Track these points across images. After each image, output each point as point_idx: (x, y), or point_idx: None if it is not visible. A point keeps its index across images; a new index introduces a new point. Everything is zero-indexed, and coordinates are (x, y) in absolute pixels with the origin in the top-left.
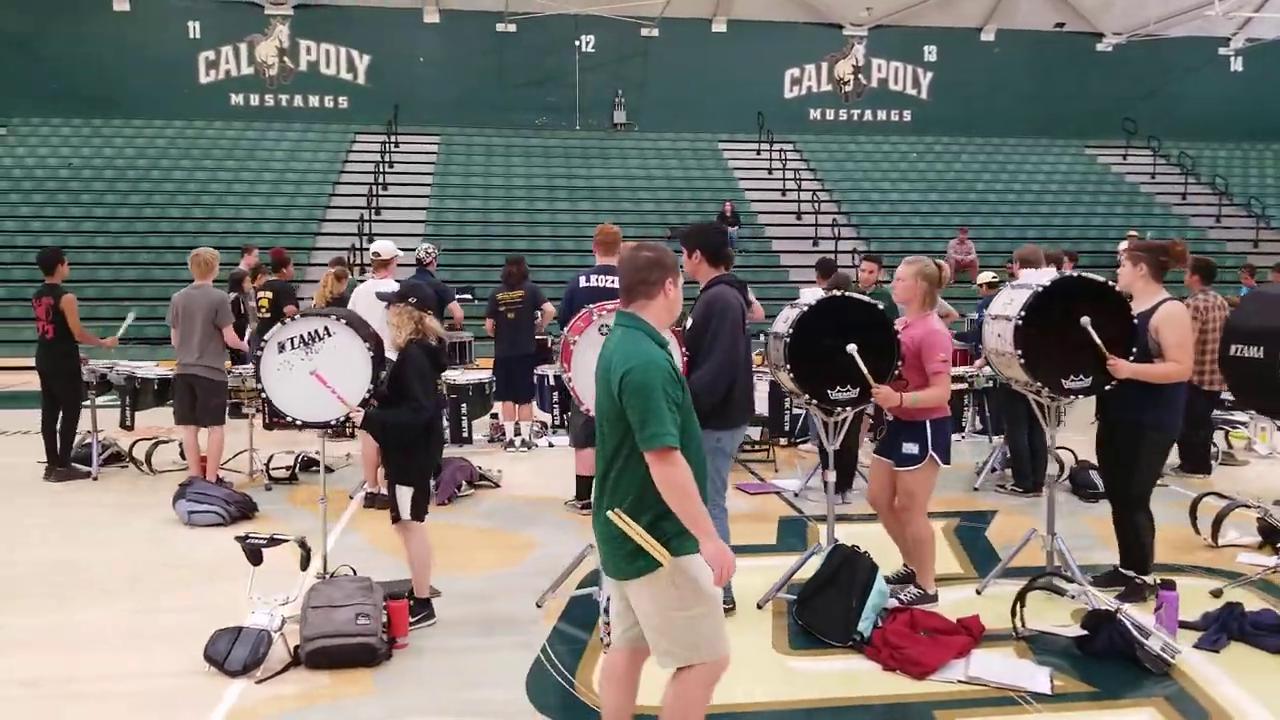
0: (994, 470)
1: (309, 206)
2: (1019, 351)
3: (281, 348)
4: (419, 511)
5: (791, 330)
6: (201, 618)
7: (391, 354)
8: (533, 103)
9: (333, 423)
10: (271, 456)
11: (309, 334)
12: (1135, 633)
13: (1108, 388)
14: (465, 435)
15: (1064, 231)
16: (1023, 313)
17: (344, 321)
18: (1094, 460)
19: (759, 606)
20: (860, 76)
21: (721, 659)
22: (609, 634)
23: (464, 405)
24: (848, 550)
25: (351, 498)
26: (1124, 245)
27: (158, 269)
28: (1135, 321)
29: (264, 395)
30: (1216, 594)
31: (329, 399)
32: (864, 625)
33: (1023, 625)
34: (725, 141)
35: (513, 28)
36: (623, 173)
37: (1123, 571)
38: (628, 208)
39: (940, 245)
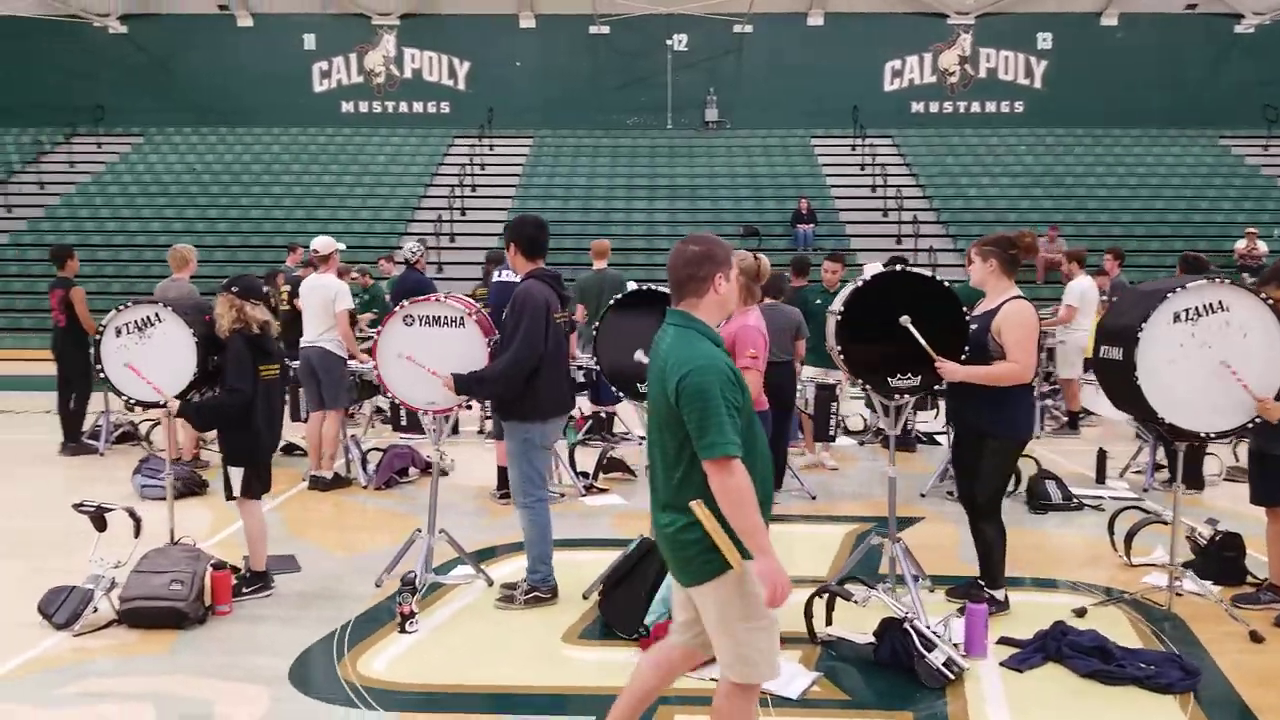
0: (942, 479)
1: (399, 208)
2: (839, 348)
3: (119, 332)
4: (249, 490)
5: (843, 310)
6: (74, 579)
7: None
8: (624, 103)
9: (160, 403)
10: None
11: (141, 320)
12: (918, 644)
13: (938, 388)
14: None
15: (1178, 229)
16: (841, 309)
17: (170, 309)
18: (1055, 470)
19: (584, 597)
20: (967, 67)
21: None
22: (414, 625)
23: None
24: (649, 543)
25: (303, 480)
26: (1240, 245)
27: (257, 267)
28: (968, 320)
29: (102, 375)
30: (1080, 613)
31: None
32: (650, 618)
33: (826, 627)
34: (819, 137)
35: (605, 30)
36: (706, 171)
37: (979, 583)
38: (705, 206)
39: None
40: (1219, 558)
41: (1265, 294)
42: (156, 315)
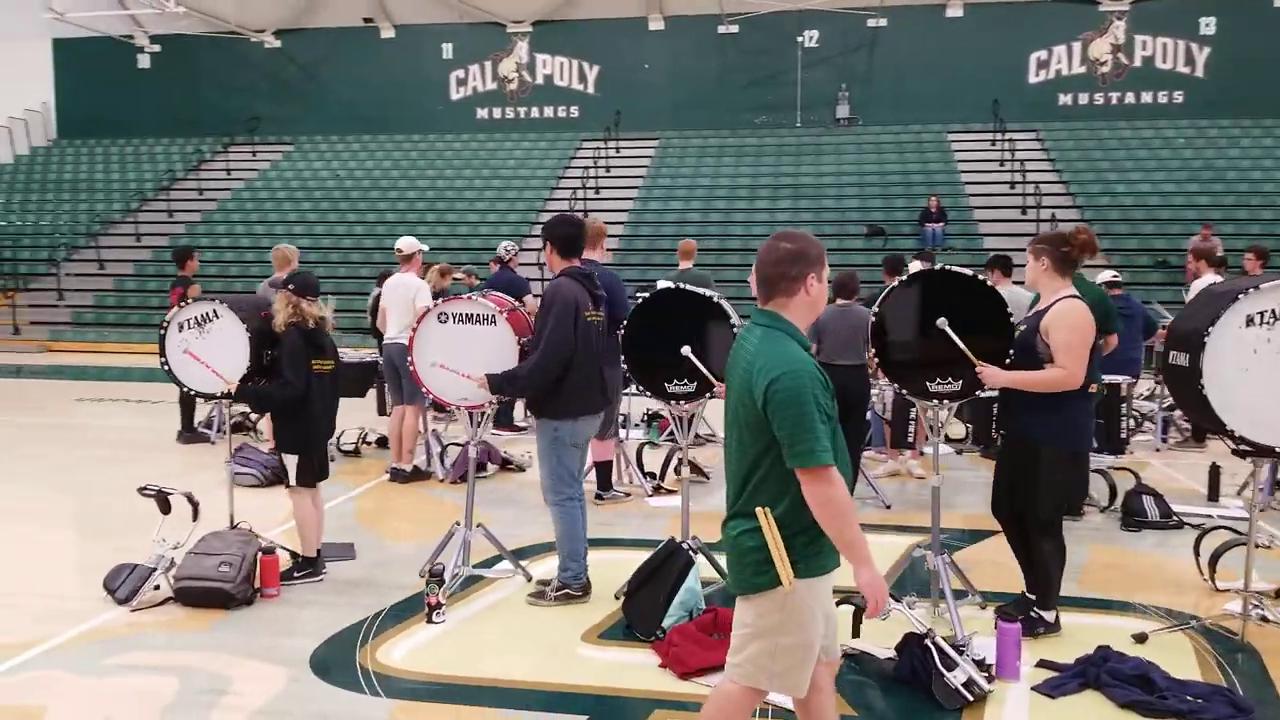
0: None
1: (525, 210)
2: (873, 350)
3: (180, 327)
4: (304, 478)
5: (877, 311)
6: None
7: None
8: (752, 102)
9: (219, 394)
10: (343, 433)
11: (201, 316)
12: (939, 661)
13: (982, 394)
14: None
15: None
16: (877, 309)
17: (227, 306)
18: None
19: (616, 597)
20: (1120, 56)
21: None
22: (441, 616)
23: None
24: (674, 545)
25: (385, 472)
26: None
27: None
28: (1014, 323)
29: (166, 368)
30: (1140, 639)
31: (211, 374)
32: (669, 620)
33: (851, 639)
34: (957, 133)
35: (734, 29)
36: (834, 169)
37: (1029, 597)
38: (830, 205)
39: (1184, 240)
40: None
41: None
42: (214, 311)
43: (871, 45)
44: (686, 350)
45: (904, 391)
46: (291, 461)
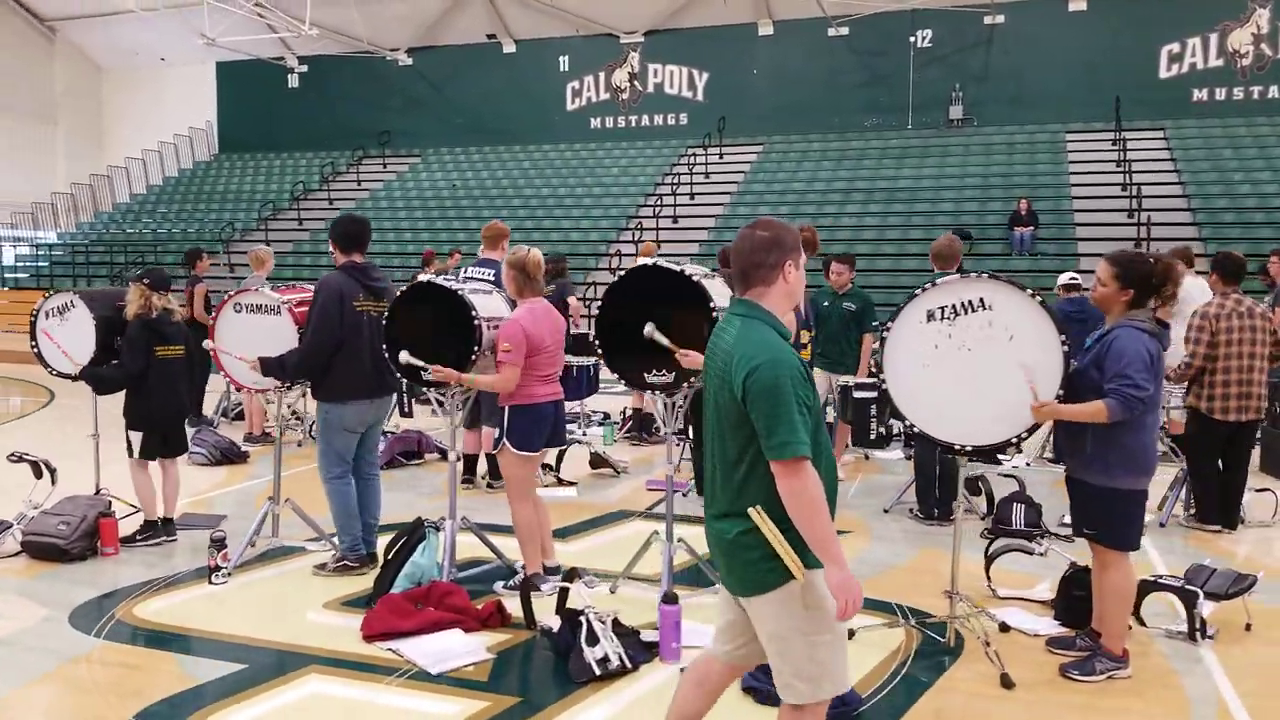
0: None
1: (617, 217)
2: (597, 342)
3: (46, 315)
4: (145, 452)
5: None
6: None
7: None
8: (863, 105)
9: (71, 373)
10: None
11: (61, 305)
12: (584, 636)
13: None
14: None
15: None
16: (600, 303)
17: (80, 297)
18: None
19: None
20: (1264, 46)
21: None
22: (220, 578)
23: None
24: (418, 522)
25: None
26: None
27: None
28: (716, 316)
29: (35, 349)
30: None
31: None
32: (396, 590)
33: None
34: (1076, 132)
35: (845, 31)
36: (935, 172)
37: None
38: (923, 208)
39: None
40: (1066, 596)
41: None
42: (71, 302)
43: (988, 43)
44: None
45: (624, 381)
46: (135, 437)
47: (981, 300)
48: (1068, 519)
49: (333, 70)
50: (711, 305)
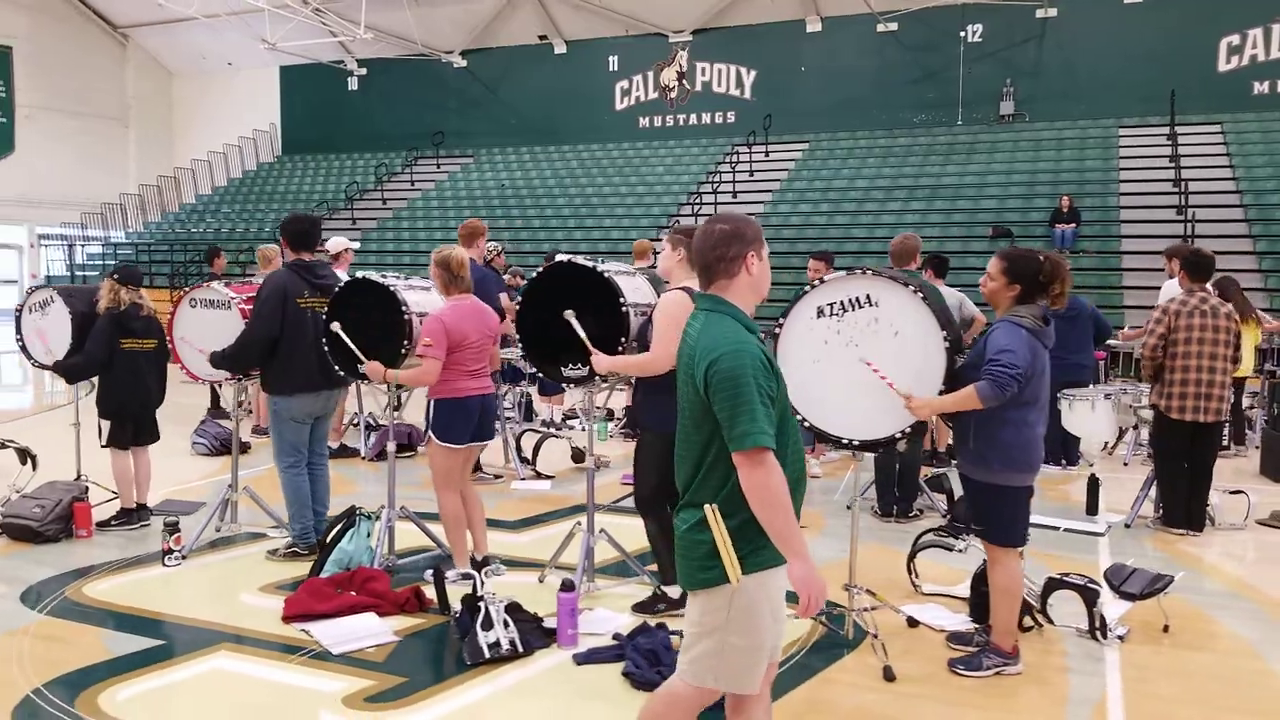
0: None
1: (658, 215)
2: (518, 336)
3: (30, 310)
4: (114, 440)
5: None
6: None
7: None
8: (912, 101)
9: (49, 364)
10: None
11: (43, 301)
12: (479, 621)
13: (597, 378)
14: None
15: None
16: (519, 297)
17: (59, 293)
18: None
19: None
20: None
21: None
22: (173, 560)
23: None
24: (351, 510)
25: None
26: None
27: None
28: (627, 314)
29: (19, 342)
30: None
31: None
32: (325, 572)
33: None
34: (1131, 127)
35: (894, 26)
36: (981, 168)
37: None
38: (965, 205)
39: None
40: (976, 592)
41: None
42: (52, 297)
43: (1040, 37)
44: (570, 315)
45: (542, 375)
46: (104, 425)
47: (868, 297)
48: None
49: (390, 73)
50: (621, 301)
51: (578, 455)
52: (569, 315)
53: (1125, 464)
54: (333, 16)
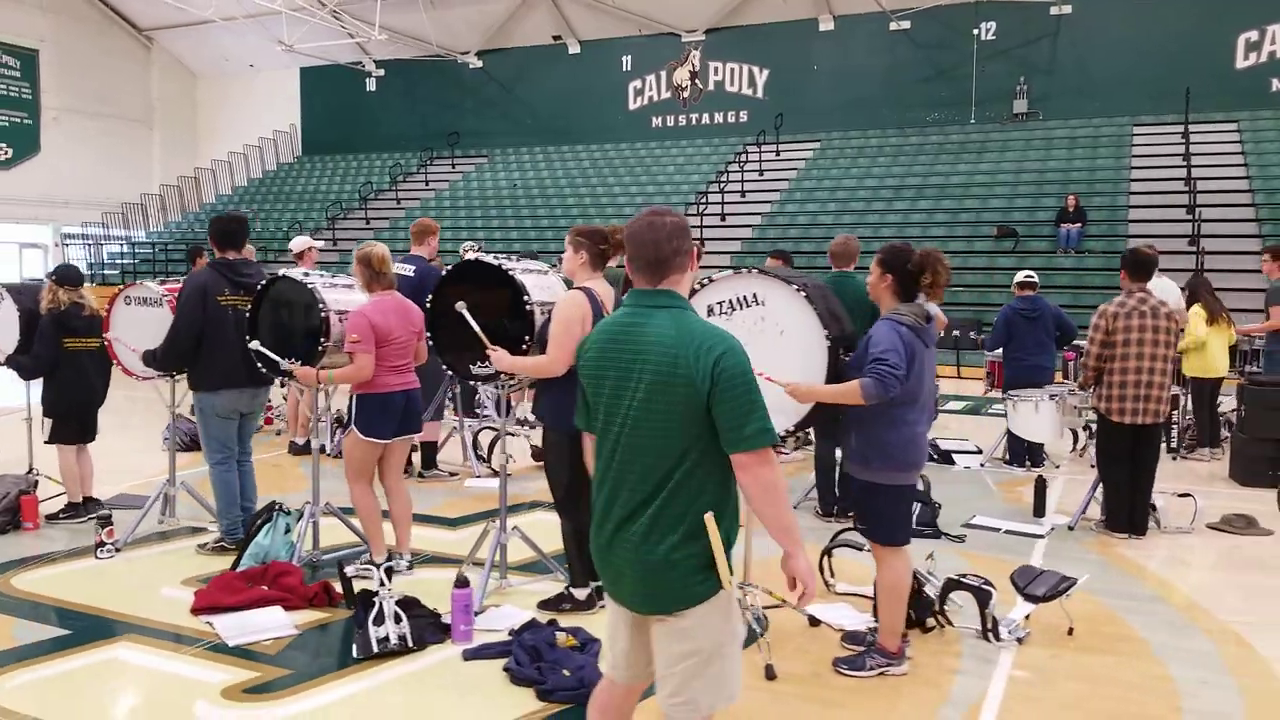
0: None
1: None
2: (429, 333)
3: None
4: (57, 436)
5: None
6: None
7: None
8: (924, 99)
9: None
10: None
11: None
12: (371, 616)
13: (503, 376)
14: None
15: None
16: (430, 296)
17: (9, 291)
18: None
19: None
20: None
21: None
22: (105, 553)
23: None
24: (271, 505)
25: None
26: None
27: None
28: (533, 313)
29: None
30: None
31: None
32: (242, 566)
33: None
34: (1145, 126)
35: (906, 25)
36: (991, 168)
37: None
38: (973, 205)
39: None
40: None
41: None
42: (1, 294)
43: (1054, 34)
44: (461, 306)
45: (451, 372)
46: (47, 423)
47: (755, 295)
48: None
49: (407, 74)
50: (526, 300)
51: (536, 453)
52: (460, 307)
53: (1092, 465)
54: (348, 18)
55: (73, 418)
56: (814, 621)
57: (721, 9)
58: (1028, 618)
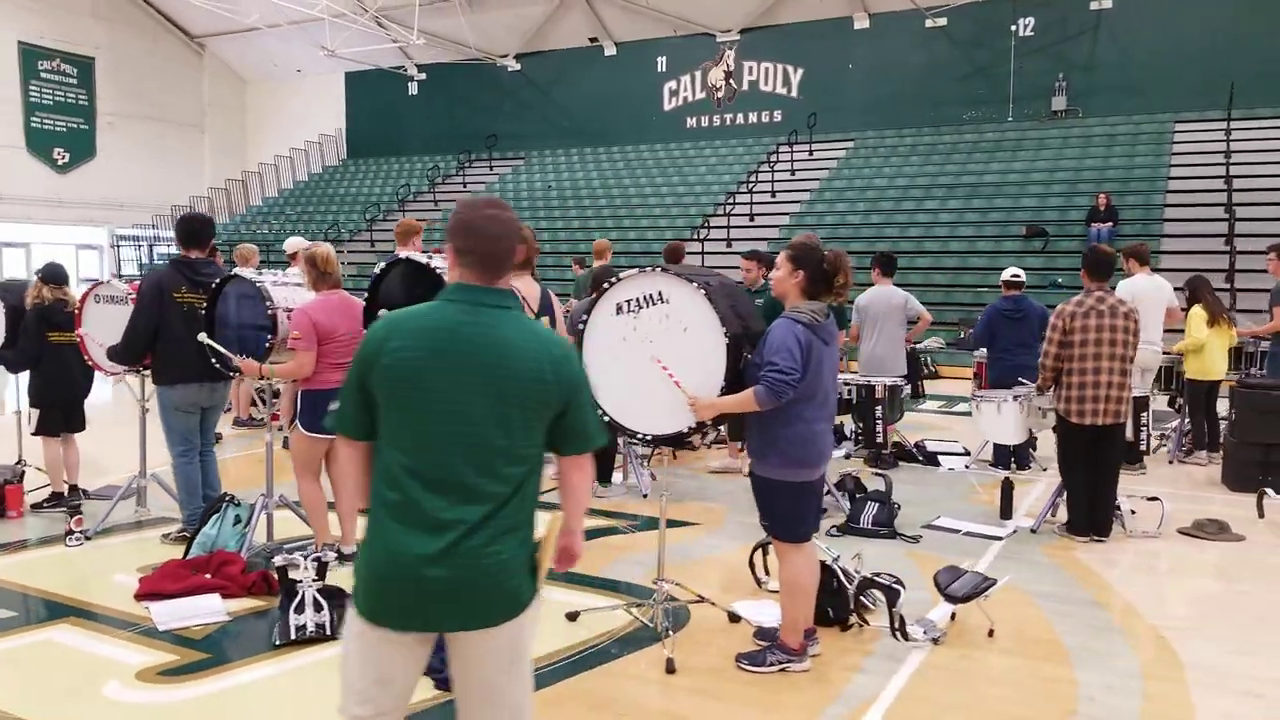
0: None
1: (695, 215)
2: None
3: None
4: (42, 428)
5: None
6: None
7: None
8: (961, 97)
9: None
10: None
11: None
12: (296, 602)
13: None
14: None
15: None
16: (366, 294)
17: None
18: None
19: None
20: None
21: None
22: (74, 540)
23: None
24: (221, 497)
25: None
26: None
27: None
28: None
29: None
30: (571, 617)
31: None
32: (190, 555)
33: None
34: (1187, 122)
35: (943, 21)
36: (1025, 166)
37: None
38: (1004, 204)
39: None
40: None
41: None
42: None
43: (1095, 30)
44: (203, 336)
45: None
46: (34, 414)
47: (660, 294)
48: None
49: (448, 77)
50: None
51: None
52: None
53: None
54: (389, 23)
55: (57, 409)
56: (734, 618)
57: (756, 8)
58: (953, 618)
